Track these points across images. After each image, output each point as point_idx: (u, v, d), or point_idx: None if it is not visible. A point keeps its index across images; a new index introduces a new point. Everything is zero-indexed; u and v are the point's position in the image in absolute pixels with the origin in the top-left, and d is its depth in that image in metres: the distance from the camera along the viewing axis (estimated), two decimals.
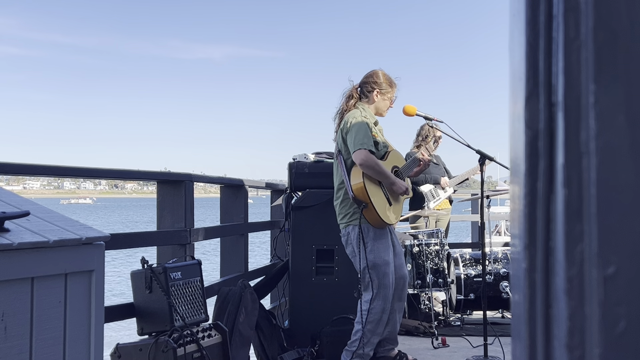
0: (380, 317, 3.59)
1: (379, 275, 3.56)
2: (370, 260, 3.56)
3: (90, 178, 3.40)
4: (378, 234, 3.61)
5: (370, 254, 3.57)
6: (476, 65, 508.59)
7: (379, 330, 3.62)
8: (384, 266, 3.58)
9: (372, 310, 3.57)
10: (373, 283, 3.55)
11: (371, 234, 3.60)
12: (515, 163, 0.49)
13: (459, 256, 5.38)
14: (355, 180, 3.56)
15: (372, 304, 3.57)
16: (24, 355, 1.64)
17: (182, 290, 3.09)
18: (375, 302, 3.57)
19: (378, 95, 3.78)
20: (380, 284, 3.57)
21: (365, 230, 3.58)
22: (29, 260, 1.64)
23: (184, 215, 3.60)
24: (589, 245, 0.43)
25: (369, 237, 3.58)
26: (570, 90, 0.45)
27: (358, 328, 3.62)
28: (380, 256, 3.59)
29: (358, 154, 3.53)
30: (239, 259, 4.56)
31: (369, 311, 3.56)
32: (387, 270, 3.59)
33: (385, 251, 3.61)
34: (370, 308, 3.57)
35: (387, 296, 3.60)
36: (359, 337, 3.59)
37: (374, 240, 3.59)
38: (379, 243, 3.60)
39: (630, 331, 0.42)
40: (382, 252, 3.60)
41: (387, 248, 3.64)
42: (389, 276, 3.60)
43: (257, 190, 5.83)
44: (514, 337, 0.50)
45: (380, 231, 3.63)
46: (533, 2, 0.47)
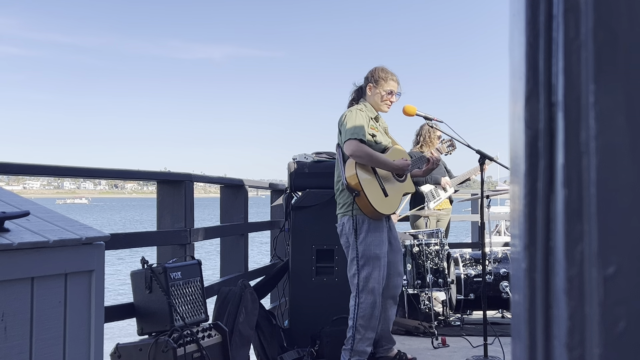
0: (372, 312, 3.58)
1: (365, 268, 3.56)
2: (360, 251, 3.56)
3: (90, 178, 3.40)
4: (372, 226, 3.60)
5: (360, 245, 3.57)
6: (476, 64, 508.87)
7: (372, 324, 3.60)
8: (372, 259, 3.57)
9: (361, 305, 3.56)
10: (359, 275, 3.55)
11: (365, 225, 3.60)
12: (515, 163, 0.49)
13: (459, 256, 5.38)
14: (349, 170, 3.61)
15: (360, 298, 3.57)
16: (24, 355, 1.64)
17: (182, 290, 3.09)
18: (364, 296, 3.56)
19: (371, 90, 3.81)
20: (368, 277, 3.56)
21: (359, 221, 3.59)
22: (29, 260, 1.64)
23: (184, 215, 3.60)
24: (589, 245, 0.43)
25: (362, 228, 3.59)
26: (570, 90, 0.45)
27: (350, 325, 3.61)
28: (370, 249, 3.58)
29: (348, 144, 3.58)
30: (239, 259, 4.56)
31: (357, 305, 3.56)
32: (376, 264, 3.58)
33: (377, 245, 3.60)
34: (359, 302, 3.56)
35: (375, 290, 3.58)
36: (352, 334, 3.58)
37: (367, 233, 3.59)
38: (371, 236, 3.59)
39: (630, 331, 0.42)
40: (372, 245, 3.59)
41: (381, 243, 3.62)
42: (377, 270, 3.58)
43: (257, 190, 5.83)
44: (514, 337, 0.50)
45: (375, 224, 3.62)
46: (533, 2, 0.47)
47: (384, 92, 3.78)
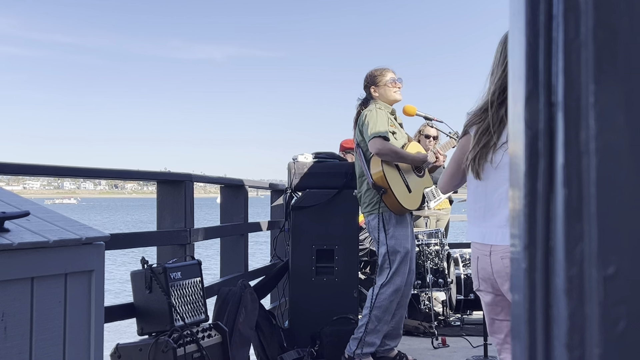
0: (389, 305, 3.63)
1: (397, 261, 3.62)
2: (390, 245, 3.63)
3: (90, 178, 3.40)
4: (399, 221, 3.69)
5: (390, 240, 3.64)
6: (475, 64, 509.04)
7: (386, 317, 3.65)
8: (403, 253, 3.64)
9: (380, 296, 3.60)
10: (390, 269, 3.61)
11: (392, 221, 3.67)
12: (515, 163, 0.49)
13: (459, 256, 5.38)
14: (375, 168, 3.65)
15: (382, 289, 3.61)
16: (24, 355, 1.64)
17: (182, 290, 3.09)
18: (386, 287, 3.61)
19: (376, 90, 3.87)
20: (396, 271, 3.62)
21: (386, 217, 3.66)
22: (29, 260, 1.64)
23: (184, 215, 3.60)
24: (589, 245, 0.43)
25: (390, 223, 3.66)
26: (570, 90, 0.45)
27: (365, 313, 3.66)
28: (401, 243, 3.66)
29: (373, 142, 3.62)
30: (239, 259, 4.55)
31: (377, 295, 3.61)
32: (406, 258, 3.65)
33: (405, 239, 3.69)
34: (379, 292, 3.61)
35: (400, 285, 3.64)
36: (365, 323, 3.62)
37: (396, 227, 3.67)
38: (400, 230, 3.67)
39: (630, 331, 0.42)
40: (402, 240, 3.67)
41: (407, 237, 3.71)
42: (406, 264, 3.66)
43: (257, 190, 5.82)
44: (514, 337, 0.50)
45: (401, 219, 3.70)
46: (533, 2, 0.47)
47: (388, 82, 3.84)
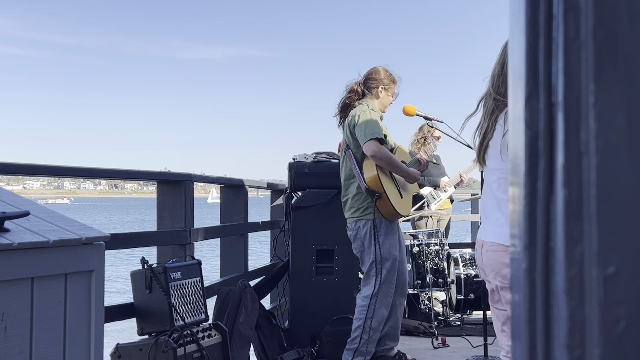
0: (384, 313, 3.61)
1: (385, 270, 3.58)
2: (379, 254, 3.56)
3: (90, 178, 3.40)
4: (389, 229, 3.63)
5: (380, 248, 3.58)
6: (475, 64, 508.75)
7: (381, 327, 3.64)
8: (391, 262, 3.60)
9: (377, 308, 3.57)
10: (377, 278, 3.56)
11: (383, 229, 3.60)
12: (515, 163, 0.49)
13: (459, 256, 5.38)
14: (369, 171, 3.52)
15: (376, 300, 3.58)
16: (24, 355, 1.64)
17: (182, 290, 3.09)
18: (378, 298, 3.58)
19: (382, 91, 3.78)
20: (384, 280, 3.59)
21: (377, 224, 3.56)
22: (29, 260, 1.64)
23: (183, 215, 3.60)
24: (589, 245, 0.43)
25: (380, 232, 3.59)
26: (570, 90, 0.45)
27: (358, 325, 3.60)
28: (390, 252, 3.60)
29: (369, 144, 3.47)
30: (239, 259, 4.55)
31: (375, 308, 3.56)
32: (394, 265, 3.62)
33: (394, 247, 3.64)
34: (374, 303, 3.57)
35: (390, 292, 3.62)
36: (359, 334, 3.58)
37: (385, 235, 3.61)
38: (389, 238, 3.62)
39: (630, 331, 0.42)
40: (391, 248, 3.62)
41: (396, 245, 3.67)
42: (394, 272, 3.63)
43: (257, 190, 5.82)
44: (514, 337, 0.50)
45: (391, 226, 3.65)
46: (533, 2, 0.47)
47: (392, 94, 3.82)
